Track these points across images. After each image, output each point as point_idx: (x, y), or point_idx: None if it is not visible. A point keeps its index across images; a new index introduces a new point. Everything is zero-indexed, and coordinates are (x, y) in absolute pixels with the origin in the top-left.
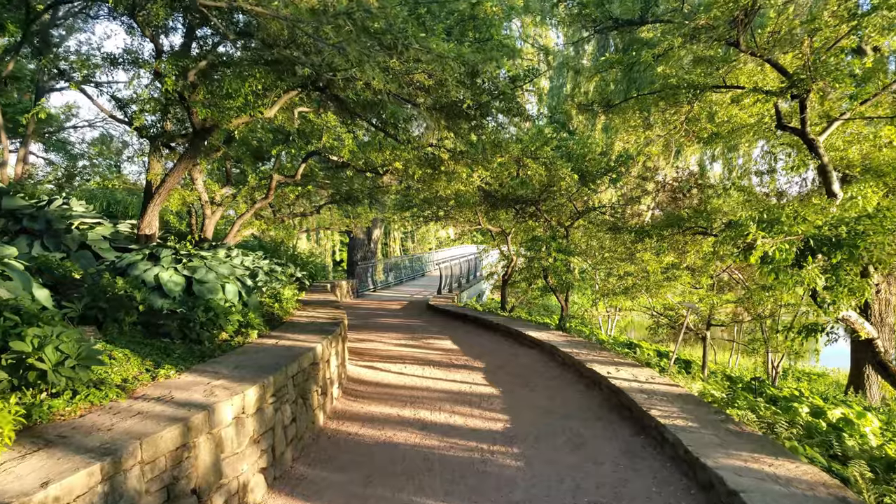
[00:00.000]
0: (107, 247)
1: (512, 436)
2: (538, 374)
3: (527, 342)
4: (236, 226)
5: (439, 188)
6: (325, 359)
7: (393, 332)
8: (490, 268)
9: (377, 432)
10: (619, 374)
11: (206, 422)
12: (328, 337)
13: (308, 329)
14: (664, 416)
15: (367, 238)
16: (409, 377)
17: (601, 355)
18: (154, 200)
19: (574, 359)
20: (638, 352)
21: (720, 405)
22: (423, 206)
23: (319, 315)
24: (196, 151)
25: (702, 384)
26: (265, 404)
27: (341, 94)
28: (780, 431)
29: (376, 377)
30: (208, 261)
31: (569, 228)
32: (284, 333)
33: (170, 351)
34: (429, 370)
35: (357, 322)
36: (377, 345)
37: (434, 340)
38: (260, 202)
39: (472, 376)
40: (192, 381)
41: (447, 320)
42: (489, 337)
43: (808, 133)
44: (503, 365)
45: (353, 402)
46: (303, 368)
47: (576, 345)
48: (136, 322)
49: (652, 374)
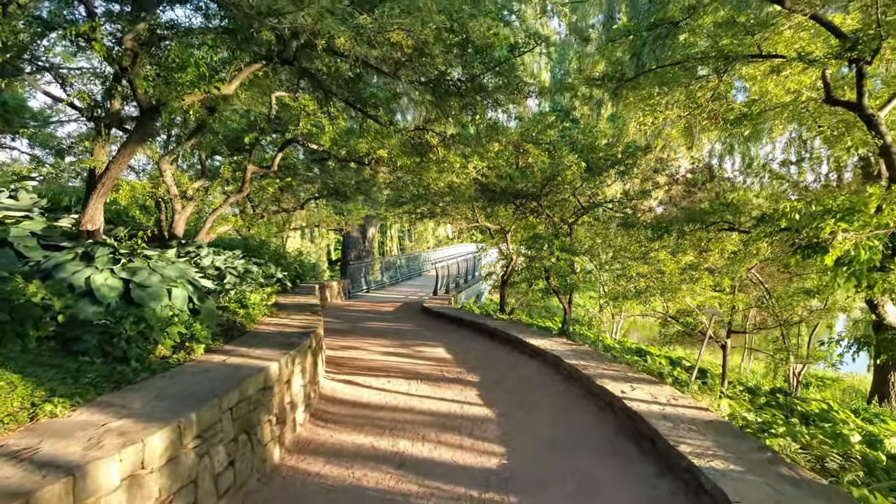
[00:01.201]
0: (34, 245)
1: (508, 477)
2: (540, 392)
3: (527, 351)
4: (208, 222)
5: (430, 179)
6: (285, 379)
7: (381, 337)
8: (488, 267)
9: (344, 472)
10: (634, 394)
11: (66, 495)
12: (291, 352)
13: (270, 341)
14: (697, 453)
15: (362, 236)
16: (392, 395)
17: (612, 368)
18: (97, 191)
19: (581, 373)
20: (649, 360)
21: (754, 430)
22: (416, 203)
23: (292, 322)
24: (143, 134)
25: (728, 404)
26: (183, 451)
27: (310, 66)
28: (835, 468)
29: (354, 394)
30: (153, 261)
31: (572, 225)
32: (238, 347)
33: (81, 374)
34: (416, 385)
35: (344, 326)
36: (362, 353)
37: (425, 348)
38: (234, 196)
39: (464, 393)
40: (82, 422)
41: (441, 324)
42: (486, 344)
43: (865, 108)
44: (501, 379)
45: (321, 428)
46: (247, 396)
47: (582, 355)
48: (49, 336)
49: (673, 394)
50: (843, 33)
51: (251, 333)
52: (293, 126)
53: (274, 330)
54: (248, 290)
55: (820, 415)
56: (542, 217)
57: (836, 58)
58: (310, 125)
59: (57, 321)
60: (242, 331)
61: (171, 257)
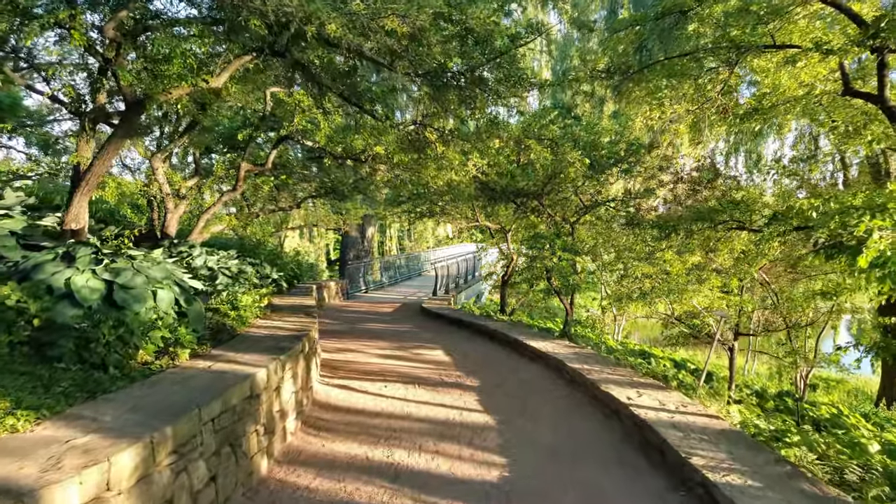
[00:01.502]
0: (12, 244)
1: (509, 491)
2: (543, 397)
3: (528, 353)
4: (201, 221)
5: (428, 177)
6: (274, 386)
7: (379, 339)
8: (489, 267)
9: (335, 485)
10: (641, 401)
11: None
12: (281, 357)
13: (260, 346)
14: (711, 466)
15: (361, 236)
16: (388, 400)
17: (616, 372)
18: (81, 189)
19: (586, 378)
20: (654, 363)
21: (767, 439)
22: (415, 202)
23: (284, 325)
24: (129, 128)
25: (739, 410)
26: (157, 468)
27: (302, 57)
28: (855, 481)
29: (349, 400)
30: (138, 261)
31: (574, 225)
32: (226, 352)
33: (53, 383)
34: (413, 391)
35: (341, 328)
36: (358, 356)
37: (424, 351)
38: (227, 194)
39: (464, 398)
40: (46, 438)
41: (441, 326)
42: (486, 346)
43: (887, 99)
44: (501, 383)
45: (314, 436)
46: (230, 407)
47: (585, 358)
48: (23, 341)
49: (681, 400)
50: (864, 20)
51: (241, 337)
52: (288, 123)
53: (265, 333)
54: (241, 292)
55: (831, 420)
56: (544, 216)
57: (858, 45)
58: (305, 122)
59: (32, 325)
60: (232, 334)
61: (158, 257)
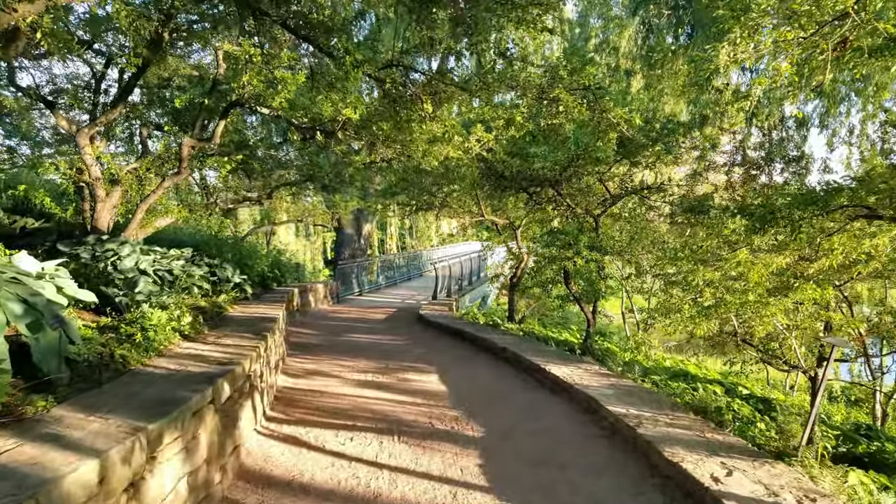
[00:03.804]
0: None
1: None
2: (575, 462)
3: (548, 383)
4: (139, 212)
5: (417, 153)
6: (121, 488)
7: (361, 357)
8: (495, 268)
9: None
10: (735, 483)
11: None
12: (153, 425)
13: (135, 400)
14: None
15: (357, 233)
16: (350, 466)
17: (677, 419)
18: None
19: (635, 432)
20: (700, 390)
21: None
22: (405, 188)
23: (212, 352)
24: None
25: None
26: None
27: None
28: None
29: (295, 466)
30: None
31: (599, 218)
32: (68, 414)
33: None
34: (389, 446)
35: (319, 341)
36: (329, 382)
37: (413, 375)
38: (170, 178)
39: (459, 464)
40: None
41: (438, 338)
42: (492, 370)
43: None
44: (511, 433)
45: None
46: None
47: (627, 393)
48: None
49: (798, 482)
50: None
51: (125, 378)
52: (237, 84)
53: (171, 368)
54: (172, 302)
55: None
56: (562, 208)
57: None
58: (258, 81)
59: None
60: (119, 371)
61: (8, 262)
